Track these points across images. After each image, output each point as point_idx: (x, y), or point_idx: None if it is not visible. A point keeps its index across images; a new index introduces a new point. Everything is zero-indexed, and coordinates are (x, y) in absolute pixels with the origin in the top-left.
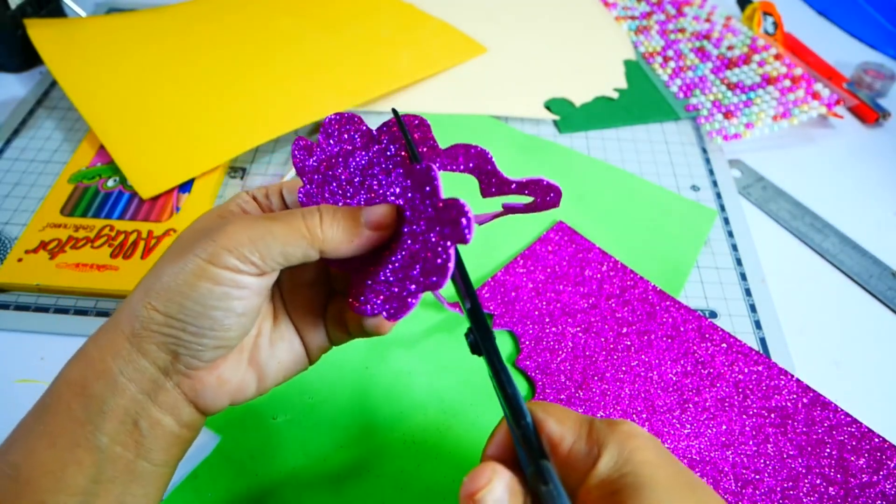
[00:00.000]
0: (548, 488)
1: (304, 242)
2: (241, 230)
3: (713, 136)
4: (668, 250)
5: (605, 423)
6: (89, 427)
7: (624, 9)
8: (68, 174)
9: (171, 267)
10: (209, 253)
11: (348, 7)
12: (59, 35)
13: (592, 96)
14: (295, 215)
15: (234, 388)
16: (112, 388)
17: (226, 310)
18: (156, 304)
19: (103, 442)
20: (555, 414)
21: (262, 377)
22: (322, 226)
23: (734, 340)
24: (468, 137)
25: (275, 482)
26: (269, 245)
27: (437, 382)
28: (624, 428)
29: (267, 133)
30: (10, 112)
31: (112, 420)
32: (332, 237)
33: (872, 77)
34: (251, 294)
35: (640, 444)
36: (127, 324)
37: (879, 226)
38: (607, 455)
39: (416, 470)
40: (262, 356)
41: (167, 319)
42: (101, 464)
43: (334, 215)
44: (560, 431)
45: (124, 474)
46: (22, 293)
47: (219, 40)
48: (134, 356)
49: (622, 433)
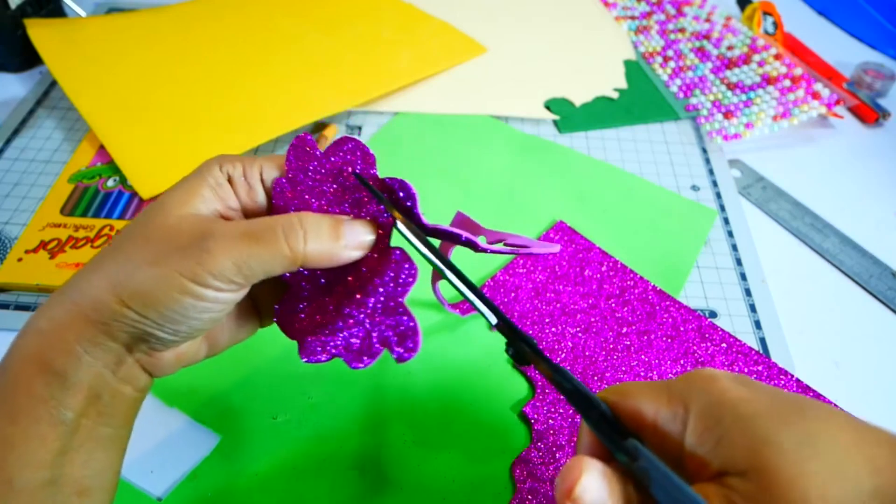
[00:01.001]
0: (639, 464)
1: (286, 262)
2: (225, 252)
3: (713, 136)
4: (668, 250)
5: (682, 379)
6: (52, 402)
7: (624, 9)
8: (68, 174)
9: (149, 270)
10: (193, 272)
11: (348, 7)
12: (59, 35)
13: (592, 96)
14: (276, 234)
15: (186, 359)
16: (76, 365)
17: (203, 319)
18: (130, 302)
19: (68, 416)
20: (629, 392)
21: (214, 345)
22: (305, 245)
23: (734, 340)
24: (468, 137)
25: (275, 482)
26: (252, 268)
27: (437, 382)
28: (702, 374)
29: (267, 133)
30: (10, 112)
31: (76, 395)
32: (315, 257)
33: (872, 77)
34: (229, 306)
35: (725, 384)
36: (92, 311)
37: (879, 226)
38: (695, 408)
39: (416, 470)
40: (216, 329)
41: (142, 318)
42: (66, 436)
43: (318, 233)
44: (638, 406)
45: (88, 442)
46: (22, 293)
47: (219, 40)
48: (101, 339)
49: (701, 380)
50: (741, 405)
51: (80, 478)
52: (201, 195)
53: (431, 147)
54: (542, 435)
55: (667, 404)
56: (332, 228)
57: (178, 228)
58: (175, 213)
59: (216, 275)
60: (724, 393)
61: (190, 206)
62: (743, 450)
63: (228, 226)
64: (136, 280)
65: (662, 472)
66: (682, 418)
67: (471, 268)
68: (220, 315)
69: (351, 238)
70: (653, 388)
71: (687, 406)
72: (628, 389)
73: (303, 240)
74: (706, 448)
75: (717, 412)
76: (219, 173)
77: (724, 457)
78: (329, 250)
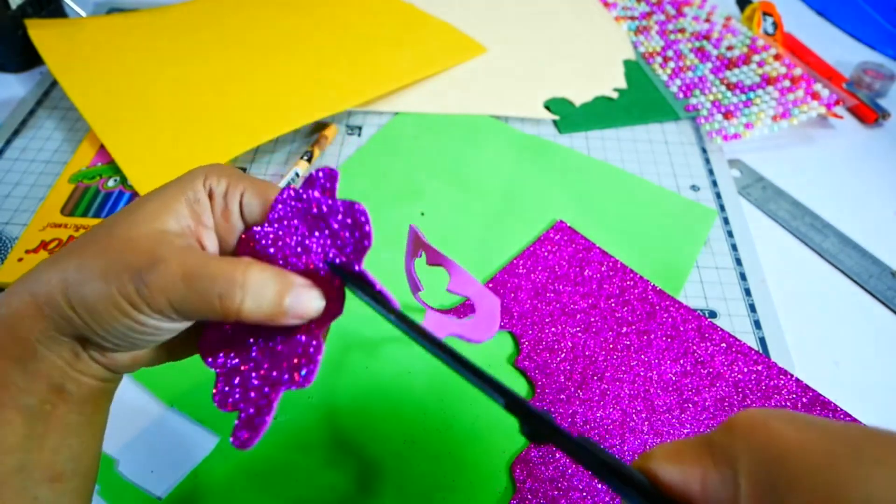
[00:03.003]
0: None
1: (219, 311)
2: (162, 291)
3: (713, 136)
4: (667, 250)
5: (725, 431)
6: (13, 389)
7: (624, 9)
8: (69, 174)
9: (97, 283)
10: (132, 301)
11: (348, 7)
12: (59, 35)
13: (592, 96)
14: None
15: (144, 361)
16: (32, 354)
17: (142, 340)
18: (77, 309)
19: (31, 402)
20: (667, 457)
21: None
22: (241, 305)
23: (734, 340)
24: (468, 137)
25: (275, 482)
26: (186, 311)
27: (437, 382)
28: (745, 422)
29: (267, 133)
30: (10, 112)
31: (36, 382)
32: (249, 317)
33: (872, 77)
34: (169, 332)
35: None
36: (45, 305)
37: (879, 226)
38: (744, 469)
39: (416, 470)
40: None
41: (86, 326)
42: (32, 421)
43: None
44: (681, 473)
45: (58, 428)
46: None
47: (219, 40)
48: (53, 332)
49: (746, 430)
50: (795, 459)
51: (52, 463)
52: (175, 210)
53: (431, 147)
54: None
55: (713, 467)
56: (276, 294)
57: (135, 244)
58: (141, 227)
59: (153, 307)
60: (773, 445)
61: (160, 221)
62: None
63: (177, 259)
64: (84, 290)
65: None
66: (732, 482)
67: (471, 267)
68: (161, 339)
69: (294, 307)
70: (693, 449)
71: (735, 466)
72: (666, 454)
73: (239, 300)
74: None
75: (770, 472)
76: (200, 187)
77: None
78: (267, 315)
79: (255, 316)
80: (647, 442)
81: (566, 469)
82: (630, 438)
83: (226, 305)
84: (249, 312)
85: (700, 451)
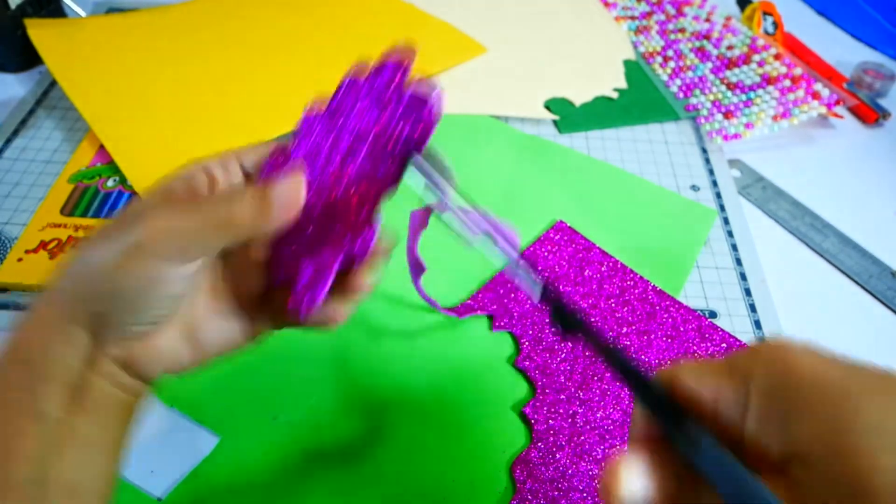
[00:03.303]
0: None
1: (219, 234)
2: (160, 224)
3: (713, 136)
4: (668, 250)
5: (747, 351)
6: (30, 395)
7: (624, 9)
8: (68, 174)
9: (100, 248)
10: (130, 246)
11: (348, 7)
12: (59, 35)
13: (592, 96)
14: (210, 204)
15: (166, 359)
16: (49, 355)
17: (151, 297)
18: (83, 286)
19: (47, 409)
20: (687, 371)
21: (198, 350)
22: (234, 214)
23: (734, 340)
24: (468, 137)
25: (275, 482)
26: (187, 239)
27: (437, 382)
28: (770, 345)
29: (267, 133)
30: (10, 112)
31: (54, 388)
32: (246, 224)
33: (872, 77)
34: (176, 280)
35: (794, 354)
36: (58, 301)
37: (879, 226)
38: (758, 384)
39: (416, 469)
40: (198, 331)
41: (94, 301)
42: (49, 431)
43: (242, 202)
44: (696, 386)
45: (75, 440)
46: (22, 293)
47: (219, 40)
48: (66, 327)
49: (768, 351)
50: (811, 382)
51: (70, 479)
52: (169, 187)
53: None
54: (542, 435)
55: (729, 382)
56: (258, 192)
57: (131, 209)
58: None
59: (149, 246)
60: (792, 364)
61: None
62: (811, 436)
63: (174, 203)
64: (92, 260)
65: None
66: (744, 398)
67: (470, 270)
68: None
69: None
70: (713, 367)
71: (750, 385)
72: (686, 369)
73: (224, 206)
74: (769, 430)
75: (783, 387)
76: (194, 167)
77: (790, 444)
78: (260, 211)
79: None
80: None
81: (566, 469)
82: None
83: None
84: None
85: (720, 368)
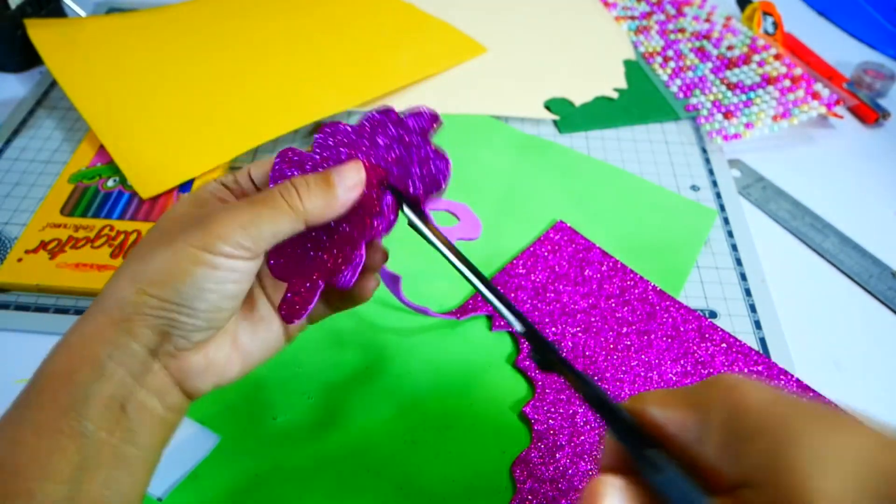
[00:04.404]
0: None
1: (289, 218)
2: (230, 218)
3: (713, 136)
4: (668, 250)
5: (704, 385)
6: (73, 414)
7: (624, 9)
8: (68, 174)
9: (161, 253)
10: (203, 241)
11: (348, 7)
12: (59, 35)
13: (592, 96)
14: (274, 194)
15: (219, 370)
16: (99, 373)
17: (220, 293)
18: (149, 288)
19: (88, 428)
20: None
21: (245, 358)
22: (301, 198)
23: (734, 340)
24: (468, 137)
25: (275, 482)
26: (259, 227)
27: (436, 382)
28: (723, 381)
29: (267, 133)
30: (10, 112)
31: (97, 406)
32: (314, 206)
33: (872, 77)
34: (243, 276)
35: (745, 392)
36: (115, 310)
37: (879, 226)
38: (715, 418)
39: (416, 470)
40: (244, 337)
41: (162, 303)
42: (86, 450)
43: (308, 184)
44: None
45: (110, 459)
46: (22, 293)
47: (219, 40)
48: (123, 339)
49: (722, 388)
50: (758, 416)
51: (100, 497)
52: (203, 199)
53: None
54: (542, 435)
55: (690, 414)
56: (321, 178)
57: (186, 215)
58: (180, 210)
59: (224, 237)
60: (743, 402)
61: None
62: (757, 463)
63: (231, 202)
64: (152, 265)
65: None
66: (704, 427)
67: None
68: (236, 289)
69: (339, 178)
70: (676, 397)
71: (708, 416)
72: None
73: (297, 195)
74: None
75: (736, 423)
76: (214, 184)
77: (741, 470)
78: (325, 193)
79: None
80: None
81: (566, 469)
82: None
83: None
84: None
85: (681, 399)
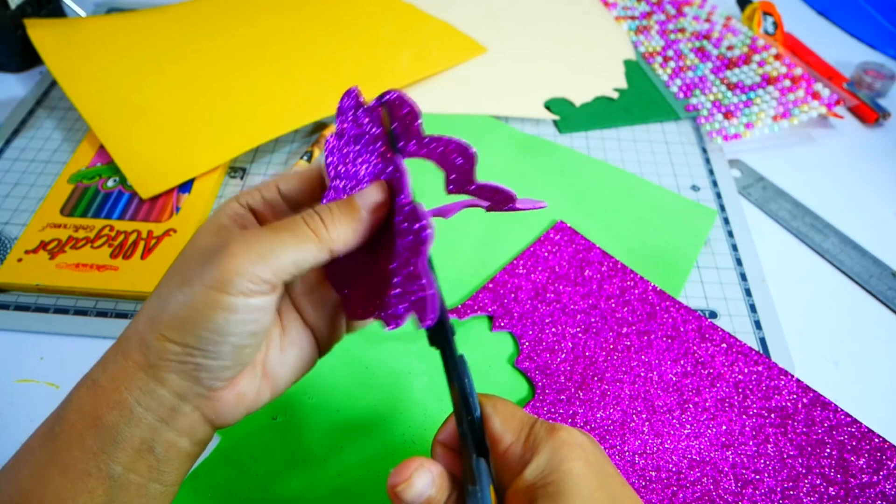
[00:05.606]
0: (473, 489)
1: (312, 247)
2: (247, 249)
3: (713, 136)
4: (668, 250)
5: (546, 428)
6: (102, 457)
7: (624, 9)
8: (68, 174)
9: (178, 295)
10: (218, 280)
11: (348, 7)
12: (59, 35)
13: (592, 96)
14: (297, 222)
15: (250, 400)
16: (127, 418)
17: (241, 334)
18: (169, 334)
19: (116, 471)
20: (502, 412)
21: (276, 383)
22: (325, 225)
23: (734, 340)
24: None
25: (275, 482)
26: (279, 258)
27: (437, 382)
28: (560, 435)
29: (267, 133)
30: (10, 112)
31: (127, 449)
32: (339, 234)
33: (872, 77)
34: (264, 314)
35: (572, 453)
36: (139, 354)
37: (879, 226)
38: (536, 461)
39: None
40: (274, 364)
41: (185, 349)
42: (114, 491)
43: (332, 212)
44: (501, 430)
45: (136, 498)
46: (22, 293)
47: (219, 40)
48: (151, 386)
49: (557, 440)
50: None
51: None
52: (222, 224)
53: None
54: None
55: (523, 442)
56: (343, 203)
57: (202, 249)
58: (199, 243)
59: (241, 272)
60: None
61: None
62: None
63: (250, 229)
64: (169, 309)
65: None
66: (525, 461)
67: (471, 270)
68: (259, 327)
69: (363, 200)
70: (522, 421)
71: (533, 454)
72: (503, 410)
73: (321, 220)
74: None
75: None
76: (237, 205)
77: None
78: (350, 220)
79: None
80: (647, 442)
81: None
82: (630, 439)
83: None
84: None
85: (524, 425)
